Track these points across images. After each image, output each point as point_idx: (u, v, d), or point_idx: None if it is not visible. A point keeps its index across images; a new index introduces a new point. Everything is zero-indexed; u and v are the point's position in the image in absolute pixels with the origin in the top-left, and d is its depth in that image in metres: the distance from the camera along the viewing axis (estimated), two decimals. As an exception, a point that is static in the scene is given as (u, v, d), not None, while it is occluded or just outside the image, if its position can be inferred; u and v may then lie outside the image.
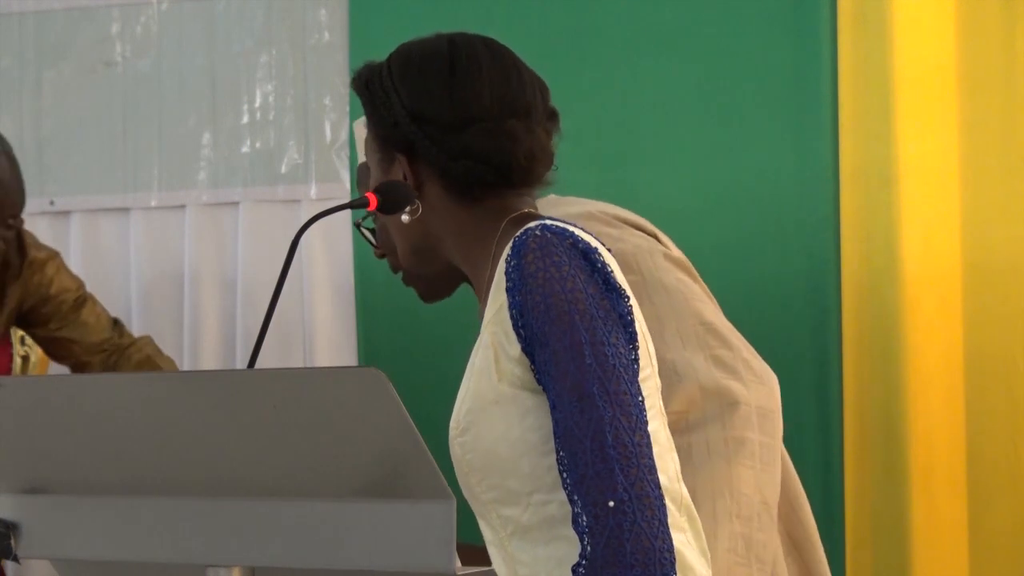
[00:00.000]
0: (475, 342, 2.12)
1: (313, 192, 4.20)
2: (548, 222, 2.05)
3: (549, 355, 1.97)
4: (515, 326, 2.00)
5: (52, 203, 4.34)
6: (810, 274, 3.82)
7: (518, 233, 2.04)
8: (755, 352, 2.71)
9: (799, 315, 3.81)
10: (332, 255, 4.17)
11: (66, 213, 4.35)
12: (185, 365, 4.22)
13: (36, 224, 4.26)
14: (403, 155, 2.19)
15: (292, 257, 2.22)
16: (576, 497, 1.94)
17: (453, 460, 2.09)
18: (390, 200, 2.25)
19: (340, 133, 4.19)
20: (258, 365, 2.22)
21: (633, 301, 2.05)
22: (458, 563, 1.85)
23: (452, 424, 2.08)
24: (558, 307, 1.98)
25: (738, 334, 2.70)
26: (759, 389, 2.64)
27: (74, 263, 4.30)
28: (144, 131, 4.30)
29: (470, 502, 2.08)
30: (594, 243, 2.05)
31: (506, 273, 2.02)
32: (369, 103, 2.23)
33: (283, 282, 2.20)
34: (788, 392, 2.74)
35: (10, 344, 4.06)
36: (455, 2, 4.01)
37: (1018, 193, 3.72)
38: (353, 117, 4.16)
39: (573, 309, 1.98)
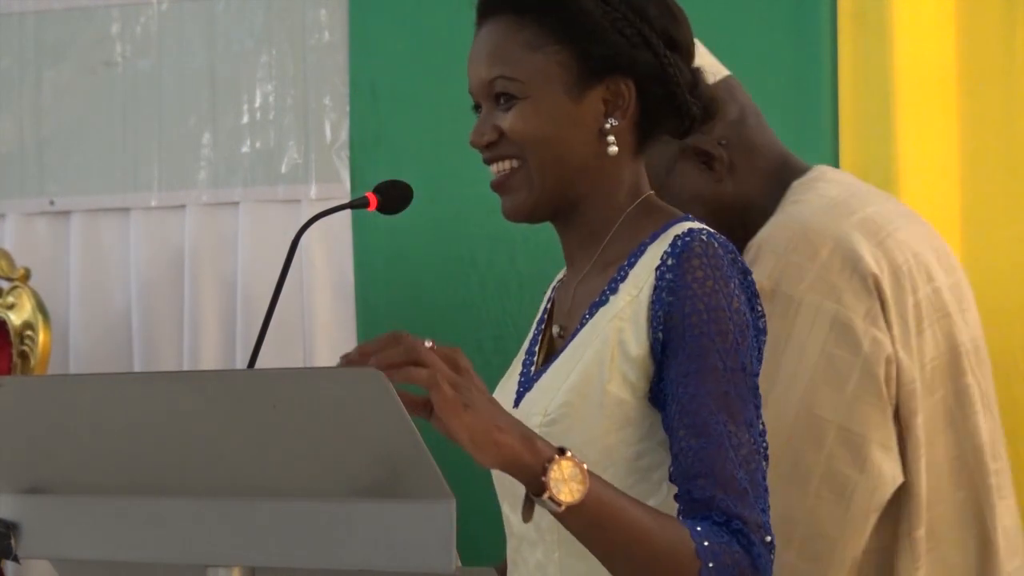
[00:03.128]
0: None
1: (313, 192, 4.20)
2: (710, 229, 1.97)
3: (706, 368, 1.89)
4: (653, 326, 1.93)
5: (52, 203, 4.34)
6: (810, 274, 3.81)
7: (680, 233, 1.95)
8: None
9: (799, 315, 3.80)
10: (332, 255, 4.17)
11: (66, 213, 4.35)
12: (185, 365, 4.22)
13: (36, 224, 4.26)
14: (632, 80, 2.02)
15: (292, 257, 2.22)
16: (731, 516, 1.89)
17: None
18: (390, 200, 2.24)
19: (340, 133, 4.18)
20: (258, 365, 2.22)
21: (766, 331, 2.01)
22: (458, 563, 1.85)
23: (537, 408, 2.01)
24: (722, 323, 1.90)
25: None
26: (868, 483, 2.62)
27: (74, 263, 4.30)
28: (144, 131, 4.30)
29: (501, 489, 2.02)
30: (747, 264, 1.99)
31: (658, 270, 1.94)
32: (574, 17, 2.02)
33: (283, 282, 2.20)
34: (788, 392, 2.74)
35: (10, 343, 4.06)
36: (455, 2, 4.00)
37: (1018, 193, 3.72)
38: (353, 117, 4.16)
39: (737, 330, 1.91)
